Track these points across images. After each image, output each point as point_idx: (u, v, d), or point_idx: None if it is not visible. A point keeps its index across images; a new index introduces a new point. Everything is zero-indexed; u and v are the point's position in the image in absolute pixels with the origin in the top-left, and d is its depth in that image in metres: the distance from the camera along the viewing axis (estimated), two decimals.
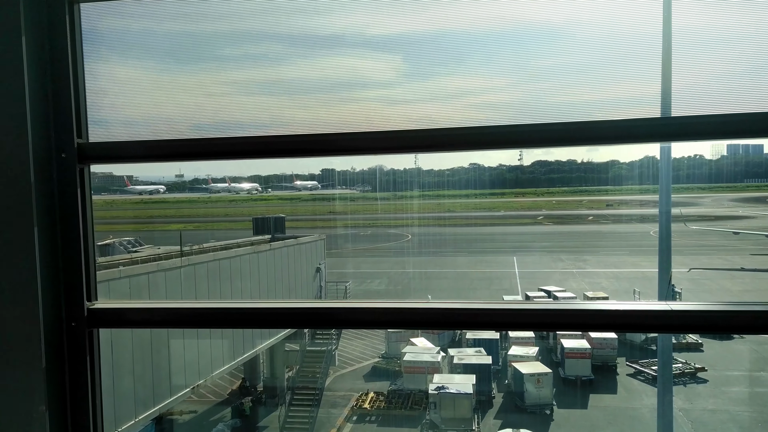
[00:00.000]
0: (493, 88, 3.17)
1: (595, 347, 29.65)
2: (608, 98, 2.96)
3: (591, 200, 76.40)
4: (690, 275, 40.74)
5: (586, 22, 2.86)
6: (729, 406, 26.25)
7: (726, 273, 41.52)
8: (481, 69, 3.04)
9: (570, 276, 44.48)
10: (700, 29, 2.97)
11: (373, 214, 69.92)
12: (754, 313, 2.52)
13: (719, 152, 79.46)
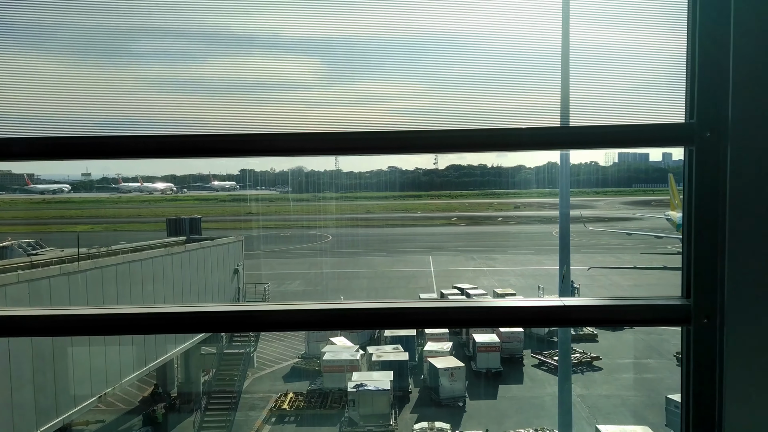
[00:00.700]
0: (409, 94, 3.39)
1: (504, 341, 31.21)
2: (514, 107, 3.27)
3: (500, 203, 79.95)
4: (588, 272, 43.69)
5: (494, 35, 3.01)
6: (621, 392, 28.38)
7: (620, 270, 44.78)
8: (398, 75, 3.24)
9: (481, 274, 46.48)
10: (594, 45, 3.14)
11: (293, 215, 69.64)
12: (638, 307, 2.74)
13: (612, 160, 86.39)
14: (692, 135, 2.51)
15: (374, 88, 3.42)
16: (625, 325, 5.47)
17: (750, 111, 2.42)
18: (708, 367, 2.61)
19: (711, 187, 2.52)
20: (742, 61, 2.41)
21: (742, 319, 2.51)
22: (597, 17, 3.15)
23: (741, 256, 2.49)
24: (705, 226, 2.57)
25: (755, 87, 2.42)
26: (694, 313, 2.59)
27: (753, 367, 2.55)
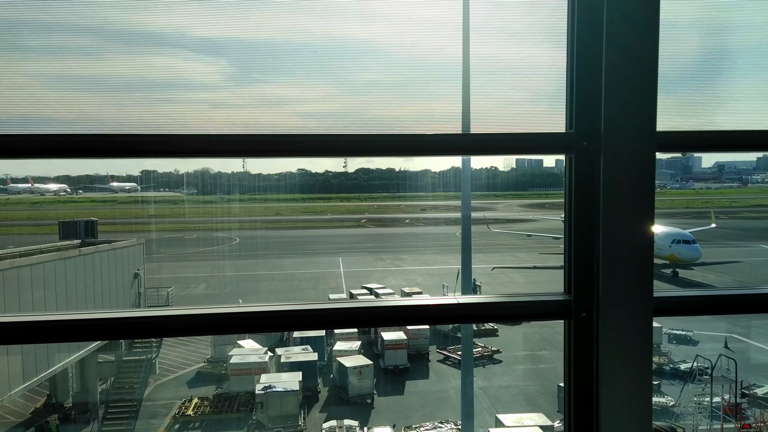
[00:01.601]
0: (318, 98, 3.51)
1: (411, 338, 32.01)
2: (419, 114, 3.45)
3: (407, 205, 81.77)
4: (492, 271, 45.66)
5: (401, 45, 3.23)
6: (519, 382, 29.90)
7: (521, 269, 47.17)
8: (307, 79, 3.38)
9: (389, 274, 47.37)
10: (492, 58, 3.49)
11: (198, 218, 67.56)
12: (524, 303, 2.94)
13: (510, 165, 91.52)
14: (571, 144, 2.73)
15: (282, 91, 3.46)
16: (513, 320, 5.80)
17: (618, 123, 2.65)
18: (587, 357, 2.84)
19: (588, 192, 2.75)
20: (611, 79, 2.64)
21: (614, 312, 2.74)
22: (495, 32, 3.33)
23: (613, 255, 2.73)
24: (583, 227, 2.80)
25: (622, 102, 2.65)
26: (574, 307, 2.82)
27: (624, 356, 2.80)
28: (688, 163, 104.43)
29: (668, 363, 29.89)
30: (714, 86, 3.42)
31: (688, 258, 41.88)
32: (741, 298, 3.28)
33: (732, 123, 3.43)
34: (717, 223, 57.33)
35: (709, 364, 26.78)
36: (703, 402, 25.59)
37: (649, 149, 2.68)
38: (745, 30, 3.66)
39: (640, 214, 2.73)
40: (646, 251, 2.79)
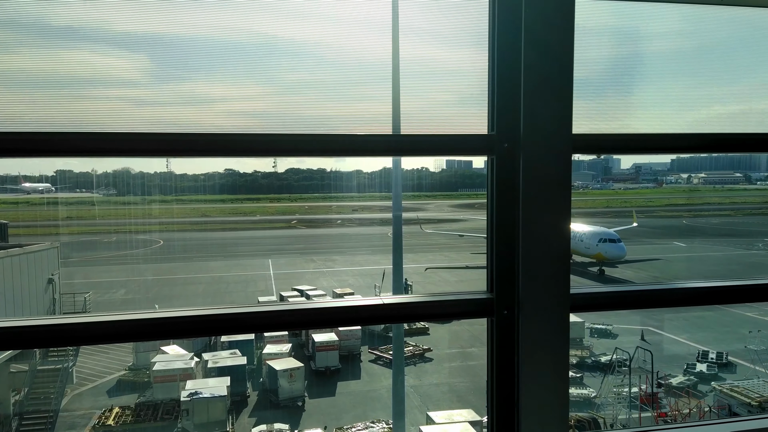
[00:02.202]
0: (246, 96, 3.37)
1: (342, 339, 31.93)
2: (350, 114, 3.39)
3: (339, 205, 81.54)
4: (423, 269, 46.28)
5: (331, 45, 3.08)
6: (449, 379, 30.42)
7: (454, 269, 48.06)
8: (234, 77, 3.19)
9: (321, 275, 47.07)
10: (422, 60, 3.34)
11: (118, 220, 64.79)
12: (448, 302, 2.98)
13: (440, 166, 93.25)
14: (493, 146, 2.80)
15: (207, 89, 3.34)
16: (437, 319, 5.85)
17: (537, 126, 2.74)
18: (508, 353, 2.91)
19: (509, 193, 2.81)
20: (530, 83, 2.71)
21: (534, 309, 2.83)
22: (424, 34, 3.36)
23: (532, 253, 2.81)
24: (504, 227, 2.87)
25: (541, 106, 2.74)
26: (496, 305, 2.88)
27: (543, 351, 2.88)
28: (608, 165, 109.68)
29: (590, 356, 31.20)
30: (627, 91, 3.53)
31: (614, 256, 43.88)
32: (651, 293, 3.42)
33: (644, 126, 3.52)
34: (637, 221, 60.51)
35: (627, 356, 28.18)
36: (622, 392, 26.88)
37: (565, 151, 2.75)
38: (657, 37, 3.81)
39: (557, 213, 2.80)
40: (563, 249, 2.86)
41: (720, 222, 74.32)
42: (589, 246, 43.94)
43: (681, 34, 3.78)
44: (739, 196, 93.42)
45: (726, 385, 27.07)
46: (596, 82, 3.46)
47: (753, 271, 46.42)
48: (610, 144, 3.27)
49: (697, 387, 27.96)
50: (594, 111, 3.37)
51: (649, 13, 3.50)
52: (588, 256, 44.50)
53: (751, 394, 25.39)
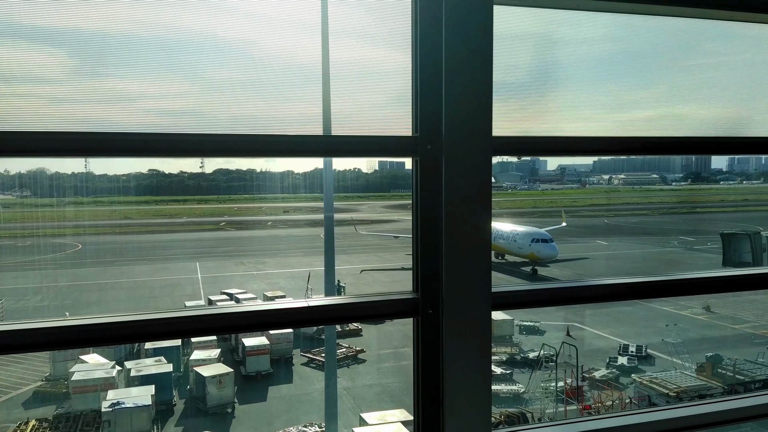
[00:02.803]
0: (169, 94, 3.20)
1: (273, 342, 31.36)
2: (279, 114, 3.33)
3: (270, 207, 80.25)
4: (357, 270, 46.23)
5: (259, 43, 3.01)
6: (382, 380, 30.47)
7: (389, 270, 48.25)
8: (159, 74, 3.06)
9: (252, 278, 46.15)
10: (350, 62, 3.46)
11: (34, 223, 61.21)
12: (374, 303, 2.99)
13: (373, 167, 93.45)
14: (417, 147, 2.85)
15: (130, 86, 3.16)
16: (363, 320, 5.91)
17: (458, 128, 2.79)
18: (433, 352, 2.96)
19: (432, 194, 2.86)
20: (451, 85, 2.76)
21: (457, 308, 2.88)
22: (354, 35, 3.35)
23: (455, 253, 2.86)
24: (428, 227, 2.91)
25: (462, 108, 2.79)
26: (421, 305, 2.93)
27: (466, 349, 2.94)
28: (535, 166, 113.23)
29: (519, 353, 32.01)
30: (550, 94, 3.60)
31: (547, 256, 45.17)
32: (569, 290, 3.50)
33: (569, 129, 3.64)
34: (568, 221, 62.68)
35: (553, 351, 29.09)
36: (549, 387, 27.72)
37: (486, 152, 2.82)
38: (581, 43, 3.87)
39: (478, 213, 2.85)
40: (485, 248, 2.91)
41: (638, 221, 78.21)
42: (522, 246, 45.12)
43: (604, 40, 3.88)
44: (655, 196, 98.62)
45: (645, 377, 28.40)
46: (520, 86, 3.55)
47: (669, 267, 49.02)
48: (530, 146, 3.35)
49: (619, 379, 29.20)
50: (517, 113, 3.46)
51: (573, 20, 3.57)
52: (521, 256, 45.70)
53: (669, 386, 26.75)
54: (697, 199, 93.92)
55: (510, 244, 46.12)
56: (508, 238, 46.48)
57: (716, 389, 26.40)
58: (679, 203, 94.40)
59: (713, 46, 4.43)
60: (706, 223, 68.57)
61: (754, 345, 31.78)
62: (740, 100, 4.49)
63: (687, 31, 4.19)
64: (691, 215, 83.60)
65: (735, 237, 40.67)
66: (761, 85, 4.60)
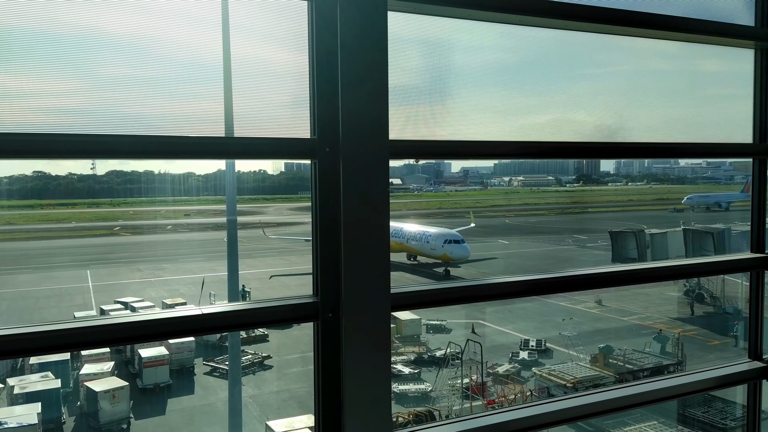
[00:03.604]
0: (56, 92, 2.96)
1: (174, 352, 30.02)
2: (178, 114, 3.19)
3: (169, 210, 76.84)
4: (264, 275, 45.28)
5: (159, 40, 2.92)
6: (290, 386, 30.01)
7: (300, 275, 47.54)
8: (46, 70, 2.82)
9: (149, 285, 43.98)
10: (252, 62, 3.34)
11: None
12: (273, 308, 2.97)
13: (279, 168, 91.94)
14: (315, 150, 2.87)
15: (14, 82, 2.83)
16: (262, 326, 5.83)
17: (355, 131, 2.82)
18: (334, 355, 2.98)
19: (331, 196, 2.87)
20: (347, 89, 2.78)
21: (356, 310, 2.92)
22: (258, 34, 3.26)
23: (354, 255, 2.88)
24: (327, 230, 2.92)
25: (358, 111, 2.82)
26: (321, 309, 2.95)
27: (366, 351, 2.96)
28: (440, 168, 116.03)
29: (426, 352, 32.59)
30: (446, 100, 3.68)
31: (459, 257, 45.95)
32: (466, 289, 3.63)
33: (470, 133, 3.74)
34: (466, 221, 64.44)
35: (459, 349, 29.87)
36: (455, 384, 28.42)
37: (383, 155, 2.88)
38: (475, 51, 4.00)
39: (376, 216, 2.89)
40: (383, 250, 2.96)
41: (536, 221, 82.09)
42: (435, 247, 45.71)
43: (503, 49, 4.00)
44: (551, 197, 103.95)
45: (545, 370, 29.78)
46: (419, 91, 3.62)
47: (565, 263, 51.76)
48: (428, 150, 3.46)
49: (521, 373, 30.42)
50: (417, 118, 3.50)
51: (472, 29, 3.69)
52: (434, 257, 46.26)
53: (566, 377, 28.18)
54: (588, 200, 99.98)
55: (423, 246, 46.69)
56: (421, 239, 47.05)
57: (608, 378, 28.10)
58: (573, 203, 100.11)
59: (600, 57, 4.69)
60: (596, 222, 73.03)
61: (641, 335, 34.12)
62: (623, 107, 4.78)
63: (577, 43, 4.41)
64: (584, 215, 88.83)
65: (622, 235, 43.66)
66: (640, 94, 4.92)
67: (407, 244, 47.42)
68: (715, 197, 70.37)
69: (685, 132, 4.86)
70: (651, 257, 39.66)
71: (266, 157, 2.94)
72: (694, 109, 5.07)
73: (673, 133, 4.80)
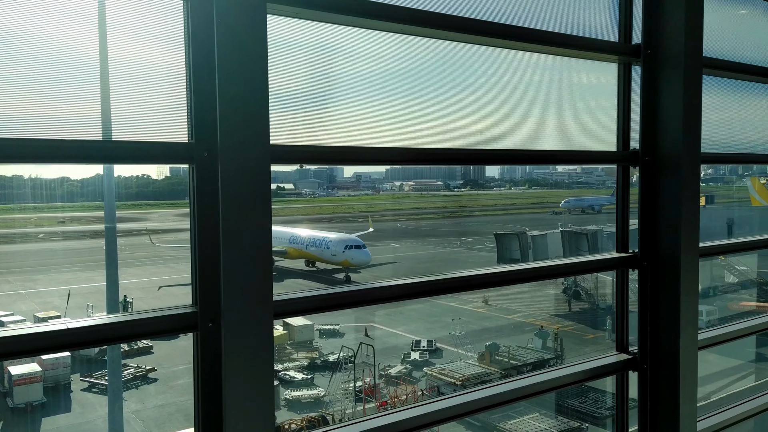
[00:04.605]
0: None
1: (48, 369, 27.80)
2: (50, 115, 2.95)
3: (42, 217, 70.99)
4: (148, 284, 43.05)
5: (26, 35, 2.75)
6: (176, 398, 28.72)
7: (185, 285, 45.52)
8: None
9: (19, 298, 40.51)
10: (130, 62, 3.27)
11: None
12: (150, 319, 2.88)
13: (164, 173, 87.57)
14: (192, 154, 2.79)
15: None
16: (137, 339, 5.60)
17: (235, 135, 2.75)
18: (216, 366, 2.93)
19: (210, 202, 2.80)
20: (225, 94, 2.72)
21: (238, 319, 2.86)
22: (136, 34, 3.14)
23: (234, 262, 2.81)
24: (206, 237, 2.84)
25: (237, 116, 2.75)
26: (201, 319, 2.90)
27: (248, 359, 2.93)
28: (333, 173, 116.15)
29: (319, 357, 32.45)
30: (330, 106, 3.70)
31: (360, 262, 45.49)
32: (351, 294, 3.67)
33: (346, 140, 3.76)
34: (364, 226, 64.66)
35: (352, 352, 30.01)
36: (349, 388, 28.51)
37: (263, 160, 2.83)
38: (365, 59, 4.06)
39: (257, 222, 2.84)
40: (265, 257, 2.92)
41: (427, 224, 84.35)
42: (335, 253, 45.07)
43: (394, 58, 4.11)
44: (440, 201, 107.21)
45: (435, 369, 30.63)
46: (308, 96, 3.61)
47: (454, 265, 53.53)
48: (312, 155, 3.44)
49: (412, 374, 31.08)
50: (304, 123, 3.49)
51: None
52: (334, 263, 45.60)
53: (455, 375, 29.16)
54: (475, 204, 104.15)
55: (322, 252, 45.95)
56: (320, 245, 46.29)
57: (495, 375, 29.39)
58: (461, 207, 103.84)
59: (485, 68, 4.93)
60: (483, 225, 76.17)
61: (524, 332, 36.00)
62: (506, 116, 5.06)
63: (464, 54, 4.61)
64: (471, 218, 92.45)
65: (506, 237, 45.91)
66: (521, 104, 5.23)
67: (306, 250, 46.71)
68: (589, 201, 75.66)
69: (560, 140, 5.21)
70: (533, 257, 42.01)
71: (142, 162, 2.85)
72: (568, 118, 5.46)
73: (550, 140, 5.13)
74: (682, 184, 4.79)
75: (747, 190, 40.75)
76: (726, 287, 36.89)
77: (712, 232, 35.61)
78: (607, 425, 25.43)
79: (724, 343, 6.05)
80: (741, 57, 6.19)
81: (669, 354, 4.87)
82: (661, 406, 4.93)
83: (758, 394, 6.69)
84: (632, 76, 5.17)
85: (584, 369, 5.04)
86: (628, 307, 5.30)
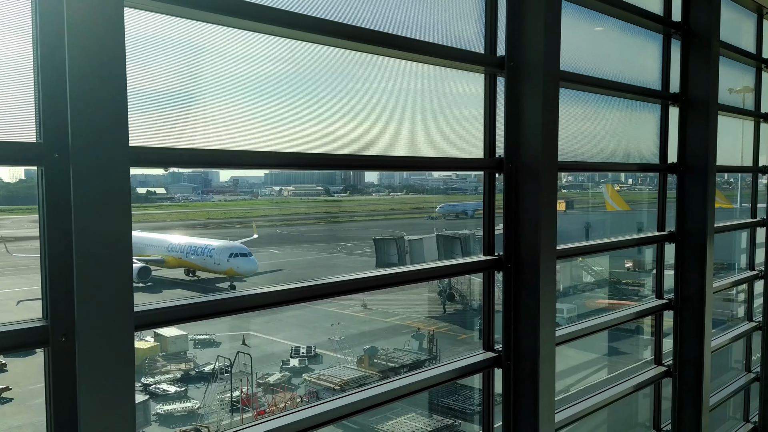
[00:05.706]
0: None
1: None
2: None
3: None
4: (3, 298, 39.06)
5: None
6: (34, 419, 26.34)
7: None
8: None
9: None
10: None
11: None
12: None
13: (18, 175, 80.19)
14: (41, 156, 2.63)
15: None
16: None
17: (89, 137, 2.61)
18: (70, 384, 2.73)
19: (61, 207, 2.64)
20: (77, 92, 2.56)
21: (92, 333, 2.69)
22: None
23: (89, 272, 2.63)
24: (56, 245, 2.65)
25: (91, 116, 2.60)
26: (52, 333, 2.70)
27: (106, 375, 2.76)
28: (208, 177, 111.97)
29: (194, 368, 31.19)
30: (193, 107, 3.62)
31: (246, 271, 43.32)
32: (216, 303, 3.59)
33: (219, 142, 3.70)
34: (243, 233, 62.55)
35: (229, 362, 29.15)
36: (225, 399, 27.65)
37: (121, 163, 2.70)
38: (241, 60, 4.01)
39: (115, 228, 2.69)
40: (124, 266, 2.77)
41: (307, 230, 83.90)
42: (219, 262, 42.78)
43: (272, 60, 4.06)
44: (321, 206, 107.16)
45: (314, 375, 30.54)
46: (177, 97, 3.51)
47: (334, 270, 53.66)
48: (171, 158, 3.30)
49: (291, 381, 30.77)
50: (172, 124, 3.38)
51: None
52: (218, 272, 43.38)
53: (334, 380, 29.24)
54: (355, 209, 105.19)
55: (205, 261, 43.49)
56: (202, 253, 43.79)
57: (373, 377, 29.82)
58: (341, 213, 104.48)
59: (364, 74, 5.02)
60: (362, 230, 77.03)
61: (402, 334, 36.87)
62: (384, 122, 5.17)
63: (347, 59, 4.67)
64: (351, 223, 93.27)
65: (385, 241, 46.77)
66: (399, 110, 5.38)
67: (186, 259, 44.21)
68: (462, 206, 79.00)
69: (434, 147, 5.42)
70: (410, 261, 43.14)
71: None
72: (443, 126, 5.69)
73: (425, 147, 5.31)
74: (541, 190, 5.13)
75: (602, 196, 44.48)
76: (584, 286, 40.03)
77: (573, 235, 38.43)
78: (476, 420, 26.70)
79: (579, 338, 6.55)
80: (597, 71, 6.76)
81: (529, 350, 5.20)
82: (522, 401, 5.27)
83: (610, 386, 7.33)
84: (498, 86, 5.48)
85: (454, 368, 5.26)
86: (494, 308, 5.61)
